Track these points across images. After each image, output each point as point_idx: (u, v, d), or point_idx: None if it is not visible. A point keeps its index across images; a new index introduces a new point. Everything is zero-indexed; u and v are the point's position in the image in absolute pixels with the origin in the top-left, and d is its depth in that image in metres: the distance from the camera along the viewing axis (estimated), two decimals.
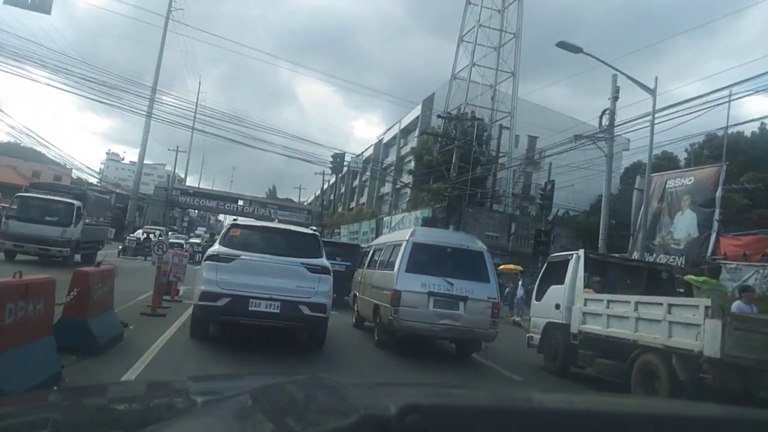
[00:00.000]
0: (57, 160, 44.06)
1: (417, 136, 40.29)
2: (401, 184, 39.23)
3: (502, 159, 31.99)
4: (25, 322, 4.47)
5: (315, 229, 10.79)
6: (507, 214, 30.57)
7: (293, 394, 1.46)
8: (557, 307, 9.39)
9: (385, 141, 52.39)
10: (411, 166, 38.48)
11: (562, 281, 9.48)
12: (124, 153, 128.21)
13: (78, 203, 17.56)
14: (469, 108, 33.63)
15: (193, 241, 37.88)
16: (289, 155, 28.92)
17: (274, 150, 57.80)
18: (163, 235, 32.18)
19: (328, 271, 7.96)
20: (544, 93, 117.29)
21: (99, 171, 65.39)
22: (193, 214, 77.48)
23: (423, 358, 9.13)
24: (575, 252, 9.80)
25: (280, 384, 1.68)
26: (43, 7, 15.17)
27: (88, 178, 44.61)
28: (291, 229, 9.00)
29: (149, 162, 74.08)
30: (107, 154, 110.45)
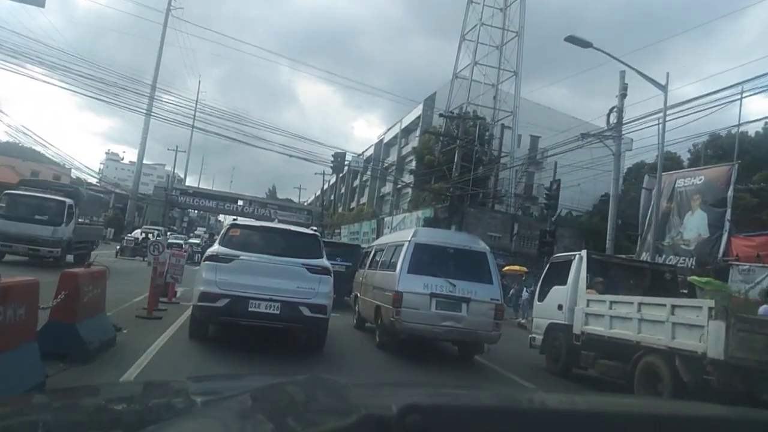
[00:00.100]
0: (56, 159, 44.14)
1: (418, 136, 40.25)
2: (402, 183, 39.20)
3: (504, 159, 31.92)
4: (4, 328, 4.13)
5: (315, 229, 10.75)
6: (509, 214, 30.54)
7: (293, 394, 1.46)
8: (560, 307, 9.38)
9: (386, 141, 52.42)
10: (412, 165, 38.44)
11: (564, 282, 9.47)
12: (124, 153, 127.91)
13: (70, 201, 16.81)
14: (471, 107, 33.61)
15: (193, 241, 37.73)
16: (289, 154, 28.79)
17: (274, 149, 57.81)
18: (161, 235, 31.82)
19: (329, 271, 7.90)
20: (543, 93, 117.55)
21: (98, 171, 65.56)
22: (192, 214, 77.47)
23: (425, 360, 9.07)
24: (578, 252, 9.79)
25: (280, 384, 1.67)
26: (37, 0, 14.88)
27: (87, 178, 44.66)
28: (291, 230, 8.95)
29: (149, 162, 74.07)
30: (107, 154, 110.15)
